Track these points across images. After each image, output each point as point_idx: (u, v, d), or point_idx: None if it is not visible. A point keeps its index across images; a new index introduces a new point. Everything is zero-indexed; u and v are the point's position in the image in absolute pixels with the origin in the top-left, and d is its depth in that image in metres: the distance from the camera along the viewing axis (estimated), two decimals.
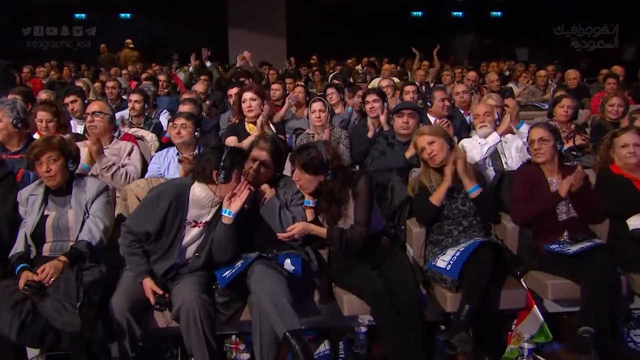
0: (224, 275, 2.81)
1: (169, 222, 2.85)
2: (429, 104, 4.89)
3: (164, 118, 5.44)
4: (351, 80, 9.60)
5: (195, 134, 3.86)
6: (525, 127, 3.98)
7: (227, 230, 2.87)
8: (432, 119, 4.79)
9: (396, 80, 8.48)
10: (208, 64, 8.49)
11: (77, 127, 4.79)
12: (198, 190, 2.89)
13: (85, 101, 5.22)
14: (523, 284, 3.17)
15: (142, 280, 2.82)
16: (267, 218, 3.00)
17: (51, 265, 2.79)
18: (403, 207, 3.49)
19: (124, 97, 6.65)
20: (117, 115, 4.66)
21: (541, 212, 3.29)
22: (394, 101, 5.75)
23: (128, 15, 16.27)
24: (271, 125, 4.42)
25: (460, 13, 16.84)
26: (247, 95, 4.39)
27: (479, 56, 14.16)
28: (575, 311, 3.07)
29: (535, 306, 3.07)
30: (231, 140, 4.24)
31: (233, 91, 5.40)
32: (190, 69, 8.29)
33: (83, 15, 16.04)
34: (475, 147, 3.98)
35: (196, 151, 3.84)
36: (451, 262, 2.98)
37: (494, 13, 16.64)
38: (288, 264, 2.85)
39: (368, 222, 3.00)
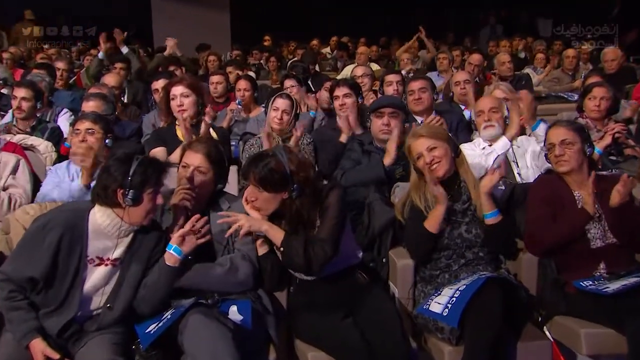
0: (147, 331, 2.78)
1: (62, 262, 2.79)
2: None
3: (64, 120, 5.40)
4: (317, 68, 9.69)
5: (106, 142, 3.85)
6: (543, 128, 4.06)
7: (170, 275, 2.88)
8: (419, 119, 4.88)
9: (376, 67, 8.62)
10: (125, 49, 8.44)
11: None
12: (100, 217, 2.85)
13: None
14: (547, 333, 3.23)
15: (30, 342, 2.74)
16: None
17: None
18: (384, 233, 3.55)
19: (4, 91, 6.56)
20: None
21: (566, 238, 3.35)
22: (371, 96, 5.84)
23: None
24: (212, 131, 4.45)
25: None
26: (178, 90, 4.43)
27: (487, 33, 14.38)
28: None
29: None
30: (158, 152, 4.25)
31: (159, 84, 5.42)
32: (100, 54, 8.20)
33: None
34: (477, 155, 4.07)
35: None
36: (449, 304, 3.00)
37: None
38: (234, 313, 2.86)
39: (335, 240, 3.05)
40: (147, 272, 2.93)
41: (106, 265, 2.89)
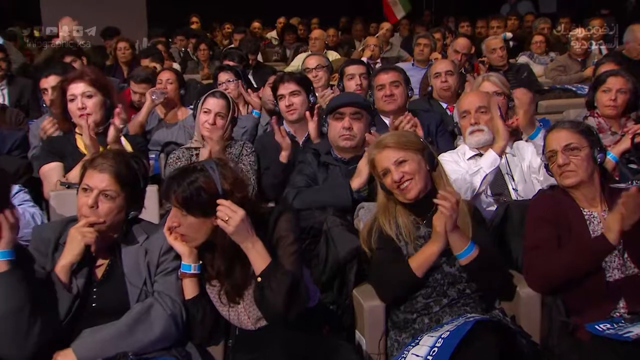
0: None
1: None
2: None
3: None
4: (259, 58, 9.72)
5: None
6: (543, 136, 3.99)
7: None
8: (387, 120, 4.96)
9: (334, 55, 8.68)
10: None
11: None
12: None
13: None
14: None
15: None
16: None
17: None
18: (347, 267, 3.57)
19: None
20: None
21: (576, 270, 3.37)
22: (326, 95, 5.88)
23: None
24: (123, 140, 4.44)
25: None
26: (78, 88, 4.39)
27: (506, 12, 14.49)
28: None
29: None
30: (53, 169, 4.26)
31: (49, 82, 5.34)
32: None
33: None
34: (461, 168, 4.10)
35: None
36: (429, 357, 3.00)
37: None
38: None
39: (302, 276, 3.10)
40: None
41: None
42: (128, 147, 4.39)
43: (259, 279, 3.03)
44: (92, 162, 3.17)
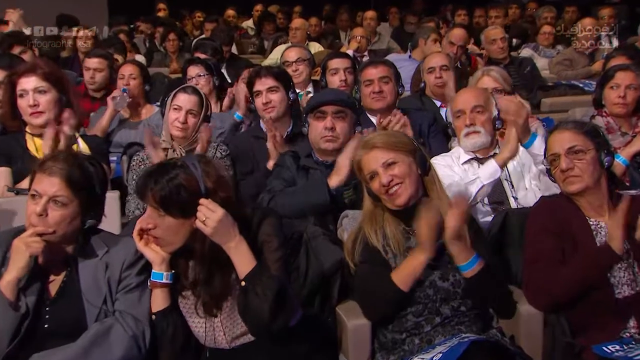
0: None
1: None
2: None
3: None
4: (234, 50, 9.70)
5: None
6: (540, 145, 3.93)
7: None
8: (374, 120, 4.95)
9: (317, 47, 8.69)
10: None
11: None
12: None
13: None
14: None
15: None
16: None
17: None
18: (330, 281, 3.57)
19: None
20: None
21: (581, 285, 3.38)
22: (310, 89, 5.89)
23: None
24: (80, 141, 4.42)
25: None
26: (29, 82, 4.37)
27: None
28: None
29: None
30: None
31: None
32: None
33: None
34: (455, 174, 4.11)
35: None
36: None
37: None
38: None
39: (288, 283, 3.11)
40: None
41: None
42: (85, 149, 4.37)
43: (243, 283, 3.01)
44: (41, 165, 3.12)
